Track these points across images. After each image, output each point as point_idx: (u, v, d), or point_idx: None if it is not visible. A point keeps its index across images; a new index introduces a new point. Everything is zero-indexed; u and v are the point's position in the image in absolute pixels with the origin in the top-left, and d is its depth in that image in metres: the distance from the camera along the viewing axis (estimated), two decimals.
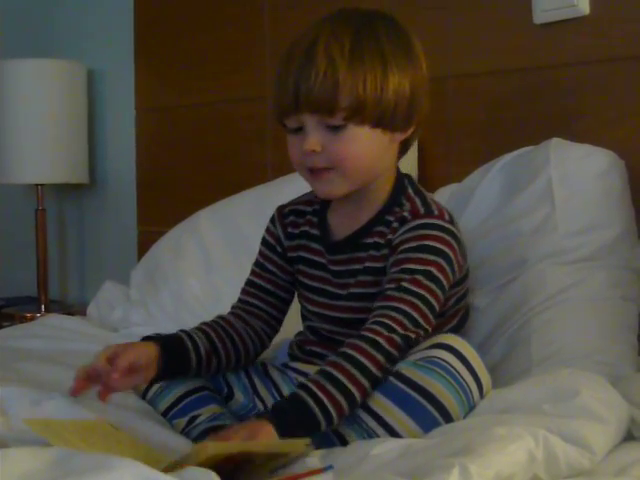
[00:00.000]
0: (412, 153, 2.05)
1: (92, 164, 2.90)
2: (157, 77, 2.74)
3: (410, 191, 1.44)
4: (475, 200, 1.79)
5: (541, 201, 1.68)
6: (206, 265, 2.10)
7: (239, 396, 1.49)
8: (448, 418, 1.25)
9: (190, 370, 1.43)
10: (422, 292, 1.32)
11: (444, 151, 2.09)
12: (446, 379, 1.25)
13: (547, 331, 1.55)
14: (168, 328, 1.99)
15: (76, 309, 2.80)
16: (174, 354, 1.40)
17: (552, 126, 1.88)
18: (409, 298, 1.31)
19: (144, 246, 2.59)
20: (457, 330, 1.46)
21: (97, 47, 2.93)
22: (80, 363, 1.79)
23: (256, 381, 1.51)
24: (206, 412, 1.42)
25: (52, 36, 3.07)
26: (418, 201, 1.41)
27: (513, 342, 1.57)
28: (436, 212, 1.39)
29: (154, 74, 2.74)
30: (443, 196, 1.87)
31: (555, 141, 1.75)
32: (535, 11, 1.91)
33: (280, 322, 1.55)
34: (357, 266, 1.43)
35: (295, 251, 1.52)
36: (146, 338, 1.43)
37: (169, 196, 2.72)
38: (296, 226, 1.52)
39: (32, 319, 2.67)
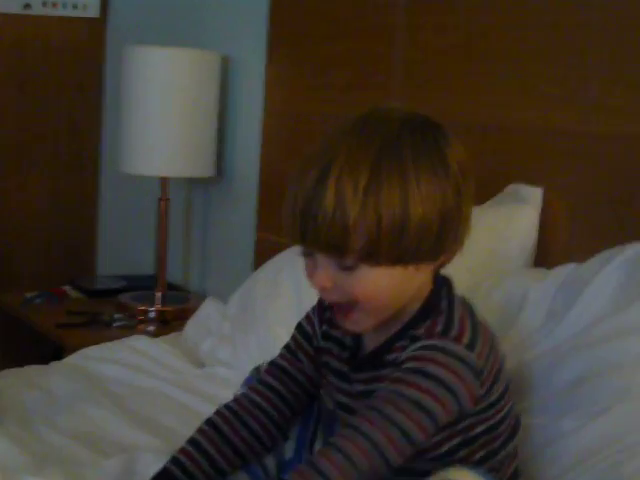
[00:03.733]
0: (532, 219, 1.85)
1: (220, 156, 2.81)
2: (287, 83, 2.59)
3: (442, 304, 1.25)
4: (586, 297, 1.55)
5: None
6: (297, 311, 1.98)
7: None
8: None
9: None
10: (402, 421, 1.14)
11: (567, 220, 1.86)
12: None
13: None
14: None
15: (193, 295, 2.85)
16: None
17: None
18: (385, 425, 1.14)
19: (260, 255, 2.52)
20: (493, 458, 1.28)
21: (232, 37, 2.81)
22: (141, 410, 1.77)
23: None
24: None
25: (187, 25, 2.98)
26: (443, 318, 1.23)
27: None
28: (454, 333, 1.20)
29: (285, 79, 2.60)
30: (558, 277, 1.65)
31: None
32: None
33: (298, 414, 1.42)
34: (380, 385, 1.24)
35: (324, 354, 1.38)
36: None
37: None
38: (330, 326, 1.37)
39: (144, 312, 2.68)
